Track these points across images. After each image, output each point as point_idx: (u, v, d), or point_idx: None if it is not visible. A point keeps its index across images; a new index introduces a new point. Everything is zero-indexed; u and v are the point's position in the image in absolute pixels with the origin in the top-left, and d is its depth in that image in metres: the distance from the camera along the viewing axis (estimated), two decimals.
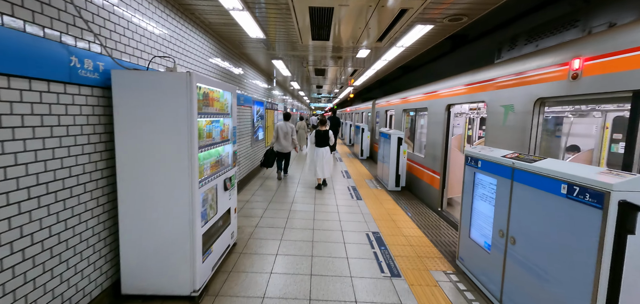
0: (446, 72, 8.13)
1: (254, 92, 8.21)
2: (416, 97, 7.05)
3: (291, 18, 4.30)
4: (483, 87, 4.26)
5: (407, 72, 12.00)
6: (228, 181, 3.47)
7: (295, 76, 11.03)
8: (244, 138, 7.10)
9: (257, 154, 8.64)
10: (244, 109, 7.12)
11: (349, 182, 7.66)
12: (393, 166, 6.89)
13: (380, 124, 10.95)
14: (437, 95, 5.79)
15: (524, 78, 3.42)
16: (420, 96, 6.78)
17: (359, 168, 9.80)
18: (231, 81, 6.08)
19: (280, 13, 4.14)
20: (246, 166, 7.43)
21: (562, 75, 2.89)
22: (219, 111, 3.27)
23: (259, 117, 8.78)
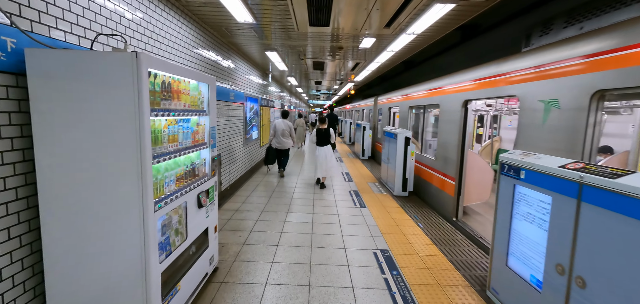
0: (455, 66, 7.44)
1: (247, 88, 7.49)
2: (425, 93, 6.35)
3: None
4: (513, 79, 3.56)
5: (410, 68, 11.30)
6: (204, 195, 2.77)
7: (292, 72, 10.31)
8: (235, 138, 6.39)
9: (251, 154, 7.94)
10: (235, 106, 6.40)
11: (350, 186, 6.97)
12: (399, 169, 6.21)
13: (383, 122, 10.26)
14: (452, 90, 5.10)
15: (574, 66, 2.72)
16: (429, 91, 6.08)
17: (360, 169, 9.11)
18: (219, 74, 5.37)
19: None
20: (237, 169, 6.73)
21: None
22: (190, 107, 2.56)
23: (253, 115, 8.07)
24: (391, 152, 6.61)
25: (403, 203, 5.79)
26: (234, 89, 6.27)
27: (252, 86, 8.08)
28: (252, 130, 8.14)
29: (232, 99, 6.08)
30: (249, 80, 7.67)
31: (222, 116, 5.55)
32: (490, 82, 3.97)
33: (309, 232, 4.27)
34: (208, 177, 2.94)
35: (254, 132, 8.29)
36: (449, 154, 5.09)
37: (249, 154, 7.79)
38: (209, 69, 4.91)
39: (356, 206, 5.53)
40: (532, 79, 3.24)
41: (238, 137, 6.71)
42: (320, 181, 6.87)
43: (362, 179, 7.79)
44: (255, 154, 8.50)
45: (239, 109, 6.68)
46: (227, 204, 5.36)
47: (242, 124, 7.00)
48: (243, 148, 7.21)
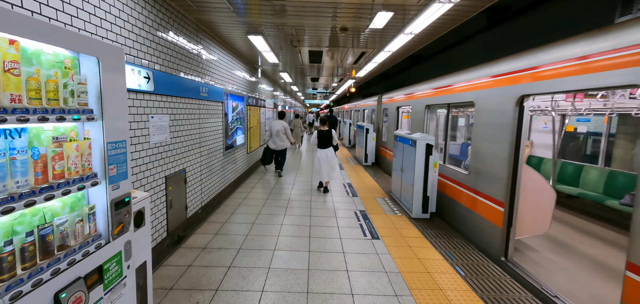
0: (475, 58, 6.10)
1: (229, 83, 6.07)
2: (449, 88, 4.97)
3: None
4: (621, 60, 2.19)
5: (417, 63, 9.96)
6: (79, 287, 1.35)
7: (286, 67, 8.90)
8: (210, 145, 4.96)
9: (236, 163, 6.52)
10: (210, 105, 4.97)
11: (355, 203, 5.58)
12: (419, 184, 4.82)
13: (389, 124, 8.87)
14: (496, 82, 3.72)
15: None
16: (459, 86, 4.70)
17: (365, 179, 7.72)
18: (185, 63, 3.95)
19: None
20: (214, 183, 5.31)
21: None
22: (33, 105, 1.15)
23: (237, 116, 6.64)
24: (407, 162, 5.22)
25: (425, 229, 4.42)
26: (207, 84, 4.84)
27: (236, 81, 6.66)
28: (237, 134, 6.72)
29: (204, 95, 4.66)
30: (231, 74, 6.24)
31: (187, 117, 4.13)
32: (582, 68, 2.59)
33: (303, 284, 2.88)
34: (103, 241, 1.52)
35: (238, 137, 6.87)
36: (491, 168, 3.72)
37: (232, 163, 6.37)
38: (172, 55, 3.49)
39: (366, 236, 4.13)
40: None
41: (215, 143, 5.28)
42: (323, 186, 6.32)
43: (368, 193, 6.40)
44: (241, 162, 7.07)
45: (216, 109, 5.26)
46: (193, 239, 3.93)
47: (220, 127, 5.57)
48: (223, 157, 5.78)
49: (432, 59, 9.23)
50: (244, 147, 7.40)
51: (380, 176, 8.22)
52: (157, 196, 3.44)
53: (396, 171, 5.89)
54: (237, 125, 6.71)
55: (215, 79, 5.27)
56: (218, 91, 5.36)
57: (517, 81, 3.35)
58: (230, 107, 6.16)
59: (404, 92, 7.56)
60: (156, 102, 3.34)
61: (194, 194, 4.45)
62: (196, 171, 4.50)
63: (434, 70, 8.28)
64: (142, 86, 3.03)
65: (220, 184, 5.68)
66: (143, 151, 3.12)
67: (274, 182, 7.07)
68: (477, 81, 4.17)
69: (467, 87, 4.42)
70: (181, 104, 3.96)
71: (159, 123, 3.40)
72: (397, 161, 5.81)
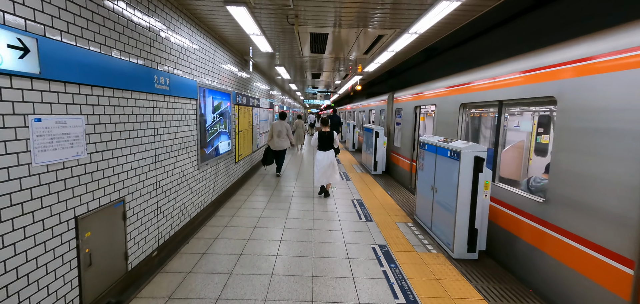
0: (500, 49, 4.74)
1: (207, 75, 4.65)
2: (513, 78, 3.55)
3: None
4: None
5: (431, 58, 8.56)
6: None
7: (283, 59, 7.49)
8: (174, 157, 3.53)
9: (217, 177, 5.09)
10: (177, 102, 3.55)
11: (371, 233, 4.17)
12: (464, 212, 3.42)
13: (404, 126, 7.47)
14: (613, 64, 2.33)
15: None
16: (531, 75, 3.29)
17: (377, 194, 6.31)
18: (127, 44, 2.54)
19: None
20: (183, 209, 3.88)
21: None
22: None
23: (218, 117, 5.23)
24: (443, 179, 3.82)
25: (479, 280, 3.02)
26: (169, 73, 3.42)
27: (220, 74, 5.24)
28: (219, 139, 5.30)
29: (162, 88, 3.24)
30: (212, 65, 4.82)
31: (129, 120, 2.71)
32: None
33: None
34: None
35: (222, 143, 5.45)
36: (605, 199, 2.32)
37: (213, 177, 4.95)
38: (92, 20, 2.08)
39: (398, 298, 2.72)
40: None
41: (184, 153, 3.87)
42: (324, 190, 5.90)
43: (385, 214, 4.99)
44: (226, 174, 5.65)
45: (185, 108, 3.84)
46: (161, 277, 2.52)
47: (193, 131, 4.15)
48: (198, 171, 4.37)
49: (448, 53, 7.85)
50: (230, 155, 5.99)
51: (394, 189, 6.81)
52: (55, 251, 2.02)
53: (423, 190, 4.48)
54: (220, 128, 5.29)
55: (184, 68, 3.86)
56: (188, 84, 3.94)
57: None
58: (209, 106, 4.75)
59: (427, 88, 6.16)
60: (52, 95, 1.93)
61: (143, 232, 3.03)
62: (148, 198, 3.09)
63: (456, 64, 6.89)
64: (4, 63, 1.62)
65: (193, 207, 4.26)
66: (11, 180, 1.71)
67: (268, 197, 5.66)
68: (563, 67, 2.77)
69: (544, 75, 3.01)
70: (116, 99, 2.54)
71: (59, 130, 1.99)
72: (425, 176, 4.41)
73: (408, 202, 5.82)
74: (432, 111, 6.25)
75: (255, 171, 8.23)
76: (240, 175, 6.78)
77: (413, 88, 7.02)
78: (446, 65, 7.71)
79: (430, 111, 6.46)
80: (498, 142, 3.81)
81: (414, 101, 6.79)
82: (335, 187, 6.67)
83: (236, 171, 6.47)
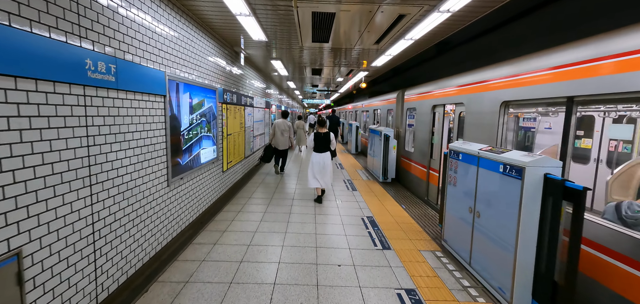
0: (559, 30, 3.77)
1: (181, 66, 3.63)
2: (598, 65, 2.57)
3: None
4: None
5: (444, 52, 7.58)
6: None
7: (280, 50, 6.49)
8: (133, 173, 2.53)
9: (199, 191, 4.06)
10: (130, 98, 2.54)
11: (392, 268, 3.19)
12: (527, 252, 2.45)
13: (418, 128, 6.48)
14: None
15: None
16: None
17: (390, 208, 5.33)
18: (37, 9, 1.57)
19: None
20: (142, 243, 2.86)
21: None
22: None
23: (198, 119, 4.23)
24: (491, 202, 2.84)
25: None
26: (113, 57, 2.40)
27: (201, 66, 4.23)
28: (201, 145, 4.30)
29: (102, 78, 2.23)
30: (188, 53, 3.81)
31: (31, 126, 1.71)
32: None
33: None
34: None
35: (205, 150, 4.45)
36: None
37: (190, 194, 3.93)
38: None
39: None
40: None
41: (147, 167, 2.86)
42: (318, 196, 5.50)
43: (406, 239, 4.00)
44: (210, 187, 4.63)
45: (148, 107, 2.83)
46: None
47: (161, 138, 3.13)
48: (168, 188, 3.36)
49: (462, 47, 6.88)
50: (217, 163, 4.99)
51: (409, 202, 5.83)
52: None
53: (456, 210, 3.50)
54: (201, 132, 4.29)
55: (145, 53, 2.85)
56: (151, 75, 2.94)
57: None
58: (185, 105, 3.75)
59: (448, 83, 5.18)
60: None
61: (64, 293, 2.02)
62: (73, 240, 2.08)
63: (461, 63, 5.93)
64: None
65: (160, 237, 3.25)
66: None
67: (262, 214, 4.66)
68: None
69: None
70: (3, 92, 1.54)
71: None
72: (459, 193, 3.43)
73: (427, 218, 4.85)
74: (452, 110, 5.28)
75: (249, 178, 7.23)
76: (229, 185, 5.77)
77: (430, 84, 6.04)
78: (462, 61, 6.75)
79: (449, 111, 5.49)
80: (567, 152, 2.83)
81: (431, 100, 5.81)
82: (340, 200, 5.69)
83: (224, 182, 5.46)
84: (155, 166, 3.05)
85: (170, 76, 3.33)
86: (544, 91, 3.00)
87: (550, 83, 2.92)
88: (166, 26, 3.25)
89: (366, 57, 6.78)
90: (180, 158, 3.65)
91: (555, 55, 2.94)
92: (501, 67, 3.76)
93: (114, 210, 2.43)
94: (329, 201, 5.63)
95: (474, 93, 4.30)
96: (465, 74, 4.66)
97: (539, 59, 3.13)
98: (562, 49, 2.89)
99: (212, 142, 4.76)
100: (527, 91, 3.24)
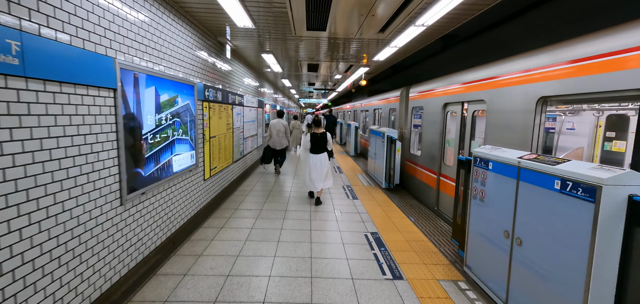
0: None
1: (145, 54, 2.89)
2: None
3: None
4: None
5: (450, 46, 6.90)
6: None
7: (276, 47, 5.76)
8: (72, 184, 1.79)
9: (167, 210, 3.30)
10: (53, 90, 1.80)
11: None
12: (607, 294, 1.76)
13: (426, 129, 5.78)
14: None
15: None
16: None
17: (397, 221, 4.64)
18: None
19: None
20: (89, 276, 2.13)
21: None
22: None
23: (168, 119, 3.49)
24: (541, 229, 2.13)
25: None
26: (23, 32, 1.67)
27: (170, 54, 3.48)
28: (173, 151, 3.56)
29: (43, 66, 1.50)
30: (153, 38, 3.06)
31: None
32: None
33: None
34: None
35: (179, 156, 3.71)
36: None
37: (158, 211, 3.17)
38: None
39: None
40: None
41: (86, 184, 2.11)
42: (315, 197, 5.33)
43: (420, 262, 3.29)
44: (183, 202, 3.88)
45: (86, 105, 2.09)
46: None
47: (111, 144, 2.39)
48: (123, 208, 2.61)
49: (471, 41, 6.20)
50: (194, 171, 4.25)
51: (417, 213, 5.13)
52: None
53: (484, 231, 2.80)
54: (173, 134, 3.55)
55: (79, 31, 2.11)
56: (93, 61, 2.20)
57: None
58: (149, 102, 3.01)
59: (464, 78, 4.48)
60: None
61: None
62: None
63: (472, 57, 5.26)
64: None
65: (109, 273, 2.51)
66: None
67: (249, 229, 3.94)
68: None
69: None
70: None
71: None
72: (489, 212, 2.73)
73: (441, 234, 4.15)
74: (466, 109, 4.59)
75: (239, 185, 6.49)
76: (214, 195, 5.03)
77: (440, 80, 5.34)
78: (471, 56, 6.08)
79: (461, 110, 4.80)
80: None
81: (442, 97, 5.11)
82: (339, 211, 4.99)
83: (207, 191, 4.72)
84: (100, 180, 2.31)
85: (125, 65, 2.60)
86: (608, 82, 2.30)
87: (622, 71, 2.22)
88: (119, 0, 2.51)
89: (367, 50, 6.08)
90: (142, 168, 2.91)
91: (630, 33, 2.24)
92: (538, 55, 3.06)
93: (21, 249, 1.69)
94: (327, 212, 4.92)
95: (498, 88, 3.60)
96: (485, 66, 3.96)
97: (603, 40, 2.43)
98: (621, 30, 2.20)
99: (190, 146, 4.02)
100: (580, 82, 2.55)
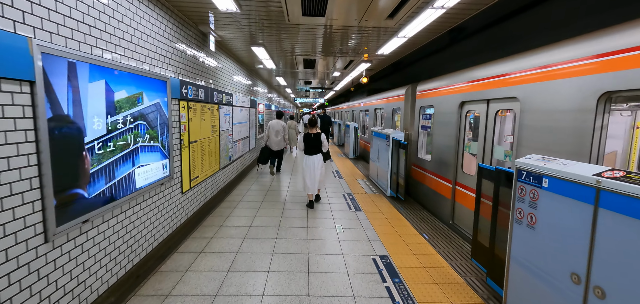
0: None
1: (81, 34, 2.16)
2: None
3: None
4: None
5: (458, 40, 6.25)
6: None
7: (271, 38, 5.05)
8: None
9: (125, 237, 2.56)
10: None
11: None
12: None
13: (440, 132, 5.10)
14: None
15: None
16: None
17: (412, 242, 3.95)
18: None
19: None
20: None
21: None
22: None
23: (128, 122, 2.75)
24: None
25: None
26: None
27: (131, 40, 2.75)
28: (137, 161, 2.82)
29: None
30: (100, 16, 2.33)
31: None
32: None
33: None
34: None
35: (145, 167, 2.97)
36: None
37: (108, 245, 2.43)
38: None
39: None
40: None
41: None
42: (310, 201, 5.08)
43: (447, 302, 2.62)
44: (151, 224, 3.14)
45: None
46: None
47: (24, 160, 1.66)
48: (49, 246, 1.87)
49: (479, 35, 5.56)
50: (168, 185, 3.51)
51: (430, 227, 4.45)
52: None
53: (541, 273, 2.11)
54: (136, 141, 2.82)
55: None
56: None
57: None
58: (94, 100, 2.28)
59: (491, 71, 3.80)
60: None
61: None
62: None
63: (483, 52, 4.64)
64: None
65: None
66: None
67: (234, 254, 3.22)
68: None
69: None
70: None
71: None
72: (548, 243, 2.04)
73: (463, 257, 3.47)
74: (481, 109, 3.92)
75: (227, 194, 5.77)
76: (195, 209, 4.30)
77: (456, 75, 4.66)
78: (477, 52, 5.45)
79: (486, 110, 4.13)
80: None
81: (458, 95, 4.44)
82: (340, 226, 4.29)
83: (185, 207, 3.99)
84: (4, 213, 1.58)
85: (53, 50, 1.87)
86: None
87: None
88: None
89: (371, 42, 5.39)
90: (85, 188, 2.17)
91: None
92: (597, 39, 2.39)
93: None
94: (326, 228, 4.22)
95: (539, 82, 2.92)
96: (520, 56, 3.28)
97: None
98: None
99: (161, 154, 3.29)
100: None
